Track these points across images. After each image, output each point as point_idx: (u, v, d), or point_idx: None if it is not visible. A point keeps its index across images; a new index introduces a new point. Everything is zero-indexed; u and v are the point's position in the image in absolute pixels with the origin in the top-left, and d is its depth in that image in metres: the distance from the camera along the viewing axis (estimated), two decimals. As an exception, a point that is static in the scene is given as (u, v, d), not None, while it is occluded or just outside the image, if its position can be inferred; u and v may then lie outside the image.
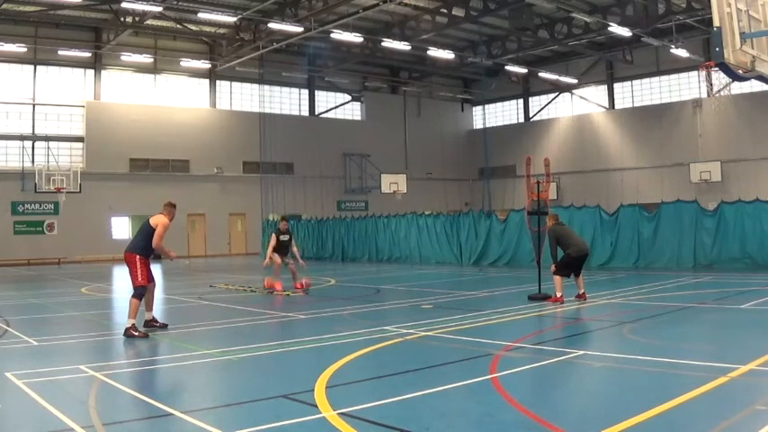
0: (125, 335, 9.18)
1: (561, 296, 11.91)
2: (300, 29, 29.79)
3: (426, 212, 27.78)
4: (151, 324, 9.83)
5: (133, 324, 9.22)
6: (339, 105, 44.53)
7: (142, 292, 9.55)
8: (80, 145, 34.76)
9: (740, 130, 35.46)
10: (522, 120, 47.18)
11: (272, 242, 15.49)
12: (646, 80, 40.29)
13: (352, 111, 45.31)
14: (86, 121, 34.61)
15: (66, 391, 6.44)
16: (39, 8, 30.32)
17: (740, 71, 6.50)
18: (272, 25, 29.85)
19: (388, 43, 32.46)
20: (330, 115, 43.97)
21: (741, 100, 34.23)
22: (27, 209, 32.90)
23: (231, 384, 6.84)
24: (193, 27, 34.20)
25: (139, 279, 9.55)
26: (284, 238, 15.52)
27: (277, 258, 15.28)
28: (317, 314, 11.65)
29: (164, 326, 9.93)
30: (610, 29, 30.61)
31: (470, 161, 47.90)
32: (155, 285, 10.05)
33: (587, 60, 41.31)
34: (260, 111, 39.40)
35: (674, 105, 38.65)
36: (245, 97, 40.23)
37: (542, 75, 40.55)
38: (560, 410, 5.56)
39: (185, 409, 5.57)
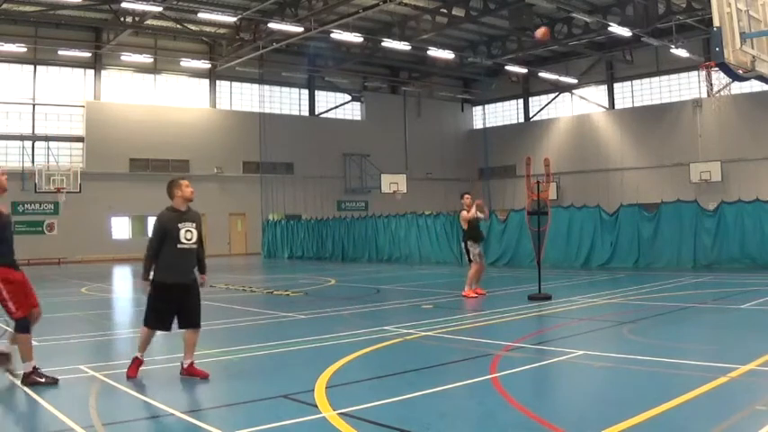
0: (25, 382, 6.40)
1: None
2: (300, 29, 29.79)
3: (426, 212, 27.76)
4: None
5: (33, 367, 6.47)
6: (339, 105, 44.51)
7: (25, 324, 6.48)
8: (80, 145, 34.76)
9: (740, 130, 35.45)
10: (522, 120, 47.15)
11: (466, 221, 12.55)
12: (646, 80, 40.28)
13: (352, 111, 45.30)
14: (86, 121, 34.61)
15: (66, 391, 6.44)
16: (39, 8, 30.32)
17: (740, 71, 6.51)
18: (272, 25, 29.87)
19: (388, 43, 32.46)
20: (330, 115, 43.95)
21: (741, 100, 34.22)
22: (27, 209, 32.85)
23: (231, 384, 6.83)
24: (193, 27, 34.21)
25: (12, 308, 6.46)
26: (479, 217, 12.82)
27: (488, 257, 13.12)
28: (317, 314, 11.65)
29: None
30: (610, 29, 30.60)
31: (470, 161, 47.86)
32: (39, 313, 6.83)
33: (587, 60, 41.29)
34: (260, 111, 39.41)
35: (674, 105, 38.63)
36: (245, 97, 40.22)
37: (542, 75, 40.55)
38: (560, 410, 5.57)
39: (185, 409, 5.57)
